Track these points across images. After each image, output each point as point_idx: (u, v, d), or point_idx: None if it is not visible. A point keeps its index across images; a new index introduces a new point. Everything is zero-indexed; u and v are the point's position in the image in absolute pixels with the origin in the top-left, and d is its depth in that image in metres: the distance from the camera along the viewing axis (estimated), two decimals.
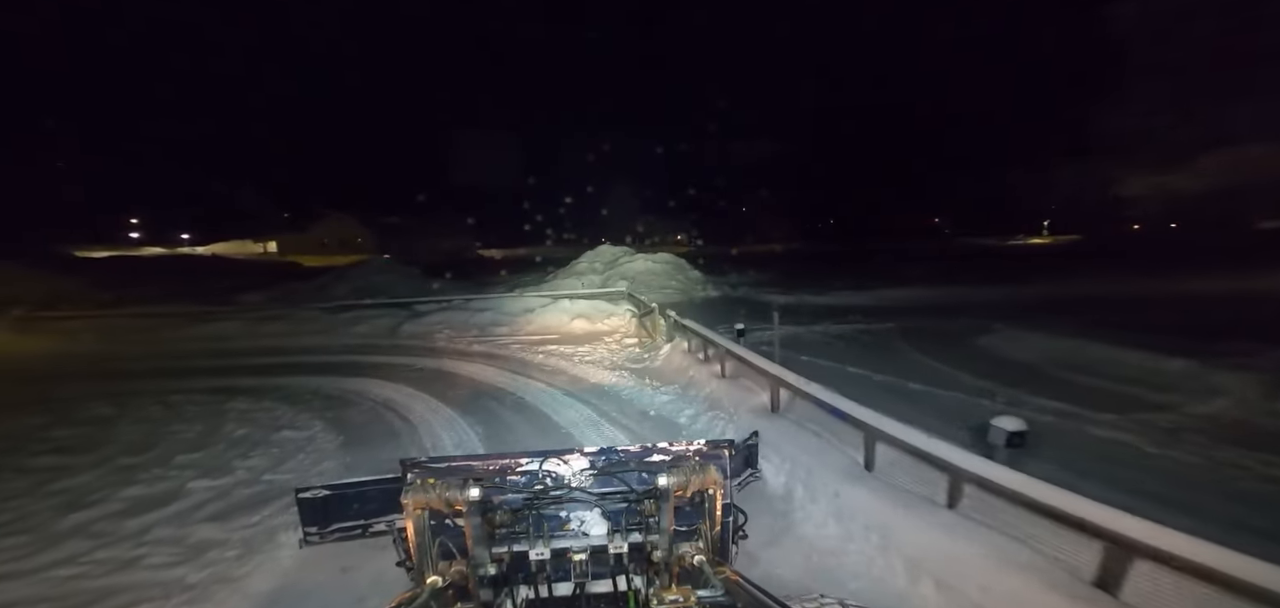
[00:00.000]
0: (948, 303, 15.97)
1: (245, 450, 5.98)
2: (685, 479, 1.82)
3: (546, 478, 2.02)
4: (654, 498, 1.89)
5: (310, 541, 2.45)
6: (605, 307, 14.75)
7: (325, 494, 2.42)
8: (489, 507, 1.87)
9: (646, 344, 11.62)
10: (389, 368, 9.85)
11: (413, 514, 1.73)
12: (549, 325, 13.65)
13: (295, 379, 9.14)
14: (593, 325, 13.78)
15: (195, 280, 23.83)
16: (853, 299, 17.19)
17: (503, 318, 13.79)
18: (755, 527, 2.98)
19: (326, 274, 20.61)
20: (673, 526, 1.80)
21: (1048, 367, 8.91)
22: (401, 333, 12.71)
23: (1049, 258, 34.41)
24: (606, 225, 45.74)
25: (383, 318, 13.48)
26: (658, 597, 1.47)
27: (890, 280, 20.84)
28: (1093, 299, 15.52)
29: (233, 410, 7.40)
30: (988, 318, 12.46)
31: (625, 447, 2.14)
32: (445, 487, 1.72)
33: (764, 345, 10.05)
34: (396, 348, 11.72)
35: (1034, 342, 9.84)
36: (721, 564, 1.79)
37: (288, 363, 10.30)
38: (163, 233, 58.35)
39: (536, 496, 1.97)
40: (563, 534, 2.02)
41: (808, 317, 14.36)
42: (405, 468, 2.05)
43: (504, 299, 14.93)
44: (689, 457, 2.02)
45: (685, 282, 21.56)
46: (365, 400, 8.02)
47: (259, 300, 18.14)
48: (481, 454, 2.25)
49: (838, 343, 11.52)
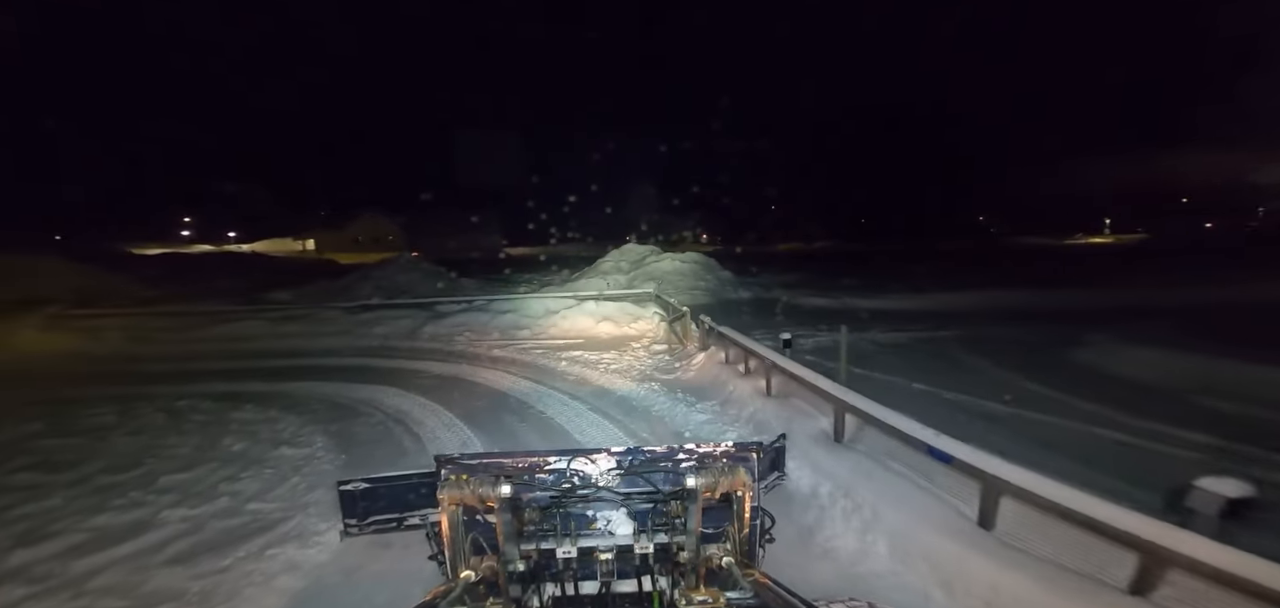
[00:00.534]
0: (1017, 308, 14.36)
1: (237, 471, 5.38)
2: (714, 481, 1.77)
3: (574, 477, 2.01)
4: (681, 499, 1.88)
5: (350, 532, 2.40)
6: (632, 309, 13.89)
7: (364, 486, 2.39)
8: (519, 504, 1.88)
9: (677, 351, 10.69)
10: (404, 375, 9.26)
11: (448, 510, 1.76)
12: (574, 329, 12.89)
13: (307, 385, 8.64)
14: (619, 329, 12.94)
15: (233, 277, 24.32)
16: (904, 303, 15.75)
17: (525, 321, 13.11)
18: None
19: (353, 273, 20.52)
20: (700, 527, 1.77)
21: (1181, 390, 7.31)
22: (421, 335, 12.19)
23: (1116, 259, 31.53)
24: (631, 224, 45.01)
25: (403, 319, 13.01)
26: (686, 598, 1.50)
27: (944, 283, 19.16)
28: (1188, 307, 13.62)
29: (235, 421, 6.88)
30: (1074, 327, 10.92)
31: (652, 447, 2.10)
32: (479, 483, 1.72)
33: (812, 357, 8.98)
34: (414, 351, 11.18)
35: (1146, 357, 8.33)
36: (750, 567, 1.77)
37: (303, 366, 9.86)
38: (212, 231, 61.55)
39: (564, 494, 1.97)
40: (589, 533, 2.02)
41: (855, 323, 13.10)
42: (440, 464, 2.03)
43: (527, 300, 14.27)
44: (717, 458, 2.00)
45: (715, 282, 20.48)
46: (376, 412, 7.39)
47: (287, 299, 18.11)
48: (511, 451, 2.20)
49: (893, 353, 10.29)
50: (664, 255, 22.21)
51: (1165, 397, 7.16)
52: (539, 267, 31.92)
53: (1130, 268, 23.61)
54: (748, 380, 7.60)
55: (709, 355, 9.33)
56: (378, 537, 2.56)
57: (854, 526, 4.07)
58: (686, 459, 2.01)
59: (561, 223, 54.40)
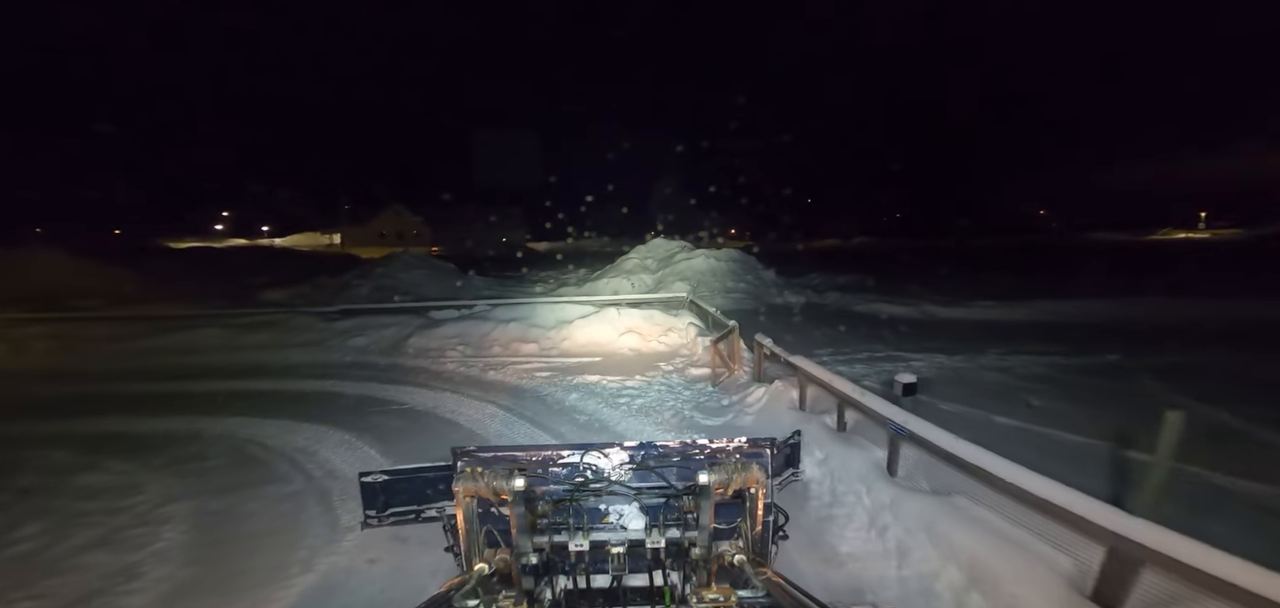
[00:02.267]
0: (1172, 323, 10.99)
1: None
2: (727, 477, 1.71)
3: (587, 471, 2.00)
4: (694, 495, 1.84)
5: (370, 523, 2.33)
6: (661, 319, 11.33)
7: (384, 479, 2.33)
8: (532, 497, 1.88)
9: (724, 380, 8.10)
10: (367, 407, 7.02)
11: (463, 502, 1.74)
12: (591, 342, 10.46)
13: (230, 423, 6.48)
14: (646, 344, 10.44)
15: (242, 273, 23.08)
16: (1001, 313, 12.60)
17: (534, 331, 10.75)
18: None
19: (354, 269, 18.74)
20: (713, 523, 1.75)
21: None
22: (405, 349, 10.00)
23: (1228, 256, 26.86)
24: (655, 220, 42.59)
25: (390, 327, 10.86)
26: (697, 595, 1.51)
27: (1037, 287, 15.74)
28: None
29: (77, 487, 4.73)
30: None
31: (665, 442, 2.04)
32: (493, 476, 1.70)
33: (944, 404, 6.22)
34: (392, 371, 8.97)
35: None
36: (762, 565, 1.71)
37: (243, 392, 7.75)
38: (250, 226, 64.01)
39: (577, 488, 1.96)
40: (602, 527, 1.98)
41: (951, 339, 10.18)
42: (456, 456, 1.97)
43: (538, 306, 11.91)
44: (730, 454, 1.95)
45: (756, 284, 17.69)
46: (298, 475, 5.12)
47: (281, 298, 16.46)
48: (526, 445, 2.32)
49: (1046, 390, 7.22)
50: (696, 252, 19.53)
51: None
52: (558, 264, 29.77)
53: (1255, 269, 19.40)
54: (843, 443, 4.95)
55: (772, 393, 6.70)
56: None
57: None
58: (699, 455, 1.96)
59: (584, 219, 52.64)
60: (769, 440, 2.01)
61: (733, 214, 65.62)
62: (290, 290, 17.07)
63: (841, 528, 3.95)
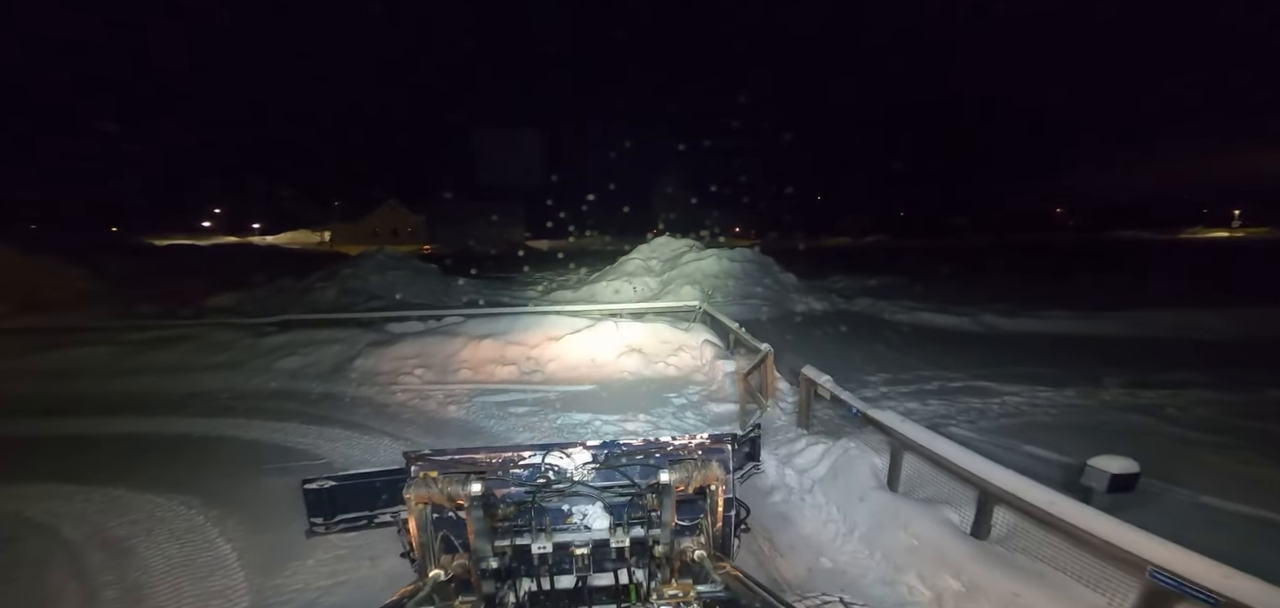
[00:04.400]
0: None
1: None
2: (688, 475, 1.72)
3: (549, 472, 1.93)
4: (656, 493, 1.81)
5: (316, 531, 2.15)
6: (671, 333, 9.28)
7: (331, 485, 2.14)
8: (491, 501, 1.83)
9: (752, 413, 6.06)
10: (262, 469, 4.97)
11: (415, 510, 1.70)
12: (584, 363, 8.43)
13: (22, 496, 4.43)
14: (652, 367, 8.40)
15: (203, 273, 21.06)
16: (1083, 326, 10.47)
17: (514, 349, 8.70)
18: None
19: (321, 271, 16.68)
20: (675, 520, 1.73)
21: None
22: (348, 374, 7.95)
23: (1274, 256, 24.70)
24: (657, 219, 40.62)
25: (336, 343, 8.80)
26: (658, 592, 1.54)
27: (1104, 296, 13.62)
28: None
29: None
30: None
31: (628, 441, 1.96)
32: (448, 482, 1.66)
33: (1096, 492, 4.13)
34: (322, 406, 6.93)
35: None
36: (722, 559, 1.74)
37: (91, 439, 5.69)
38: (241, 223, 63.17)
39: (539, 489, 1.91)
40: (565, 528, 1.94)
41: (1037, 361, 8.14)
42: (409, 461, 1.87)
43: (521, 319, 9.84)
44: (692, 451, 1.93)
45: (775, 288, 15.61)
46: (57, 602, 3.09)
47: (231, 302, 14.42)
48: (485, 446, 2.02)
49: (1249, 450, 5.08)
50: (705, 252, 17.44)
51: None
52: (557, 263, 27.73)
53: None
54: (994, 566, 2.90)
55: (838, 454, 4.66)
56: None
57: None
58: (662, 453, 1.93)
59: (585, 216, 50.82)
60: (730, 436, 1.99)
61: (737, 212, 63.74)
62: (244, 294, 15.03)
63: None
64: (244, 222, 63.59)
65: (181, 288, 16.93)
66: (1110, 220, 54.21)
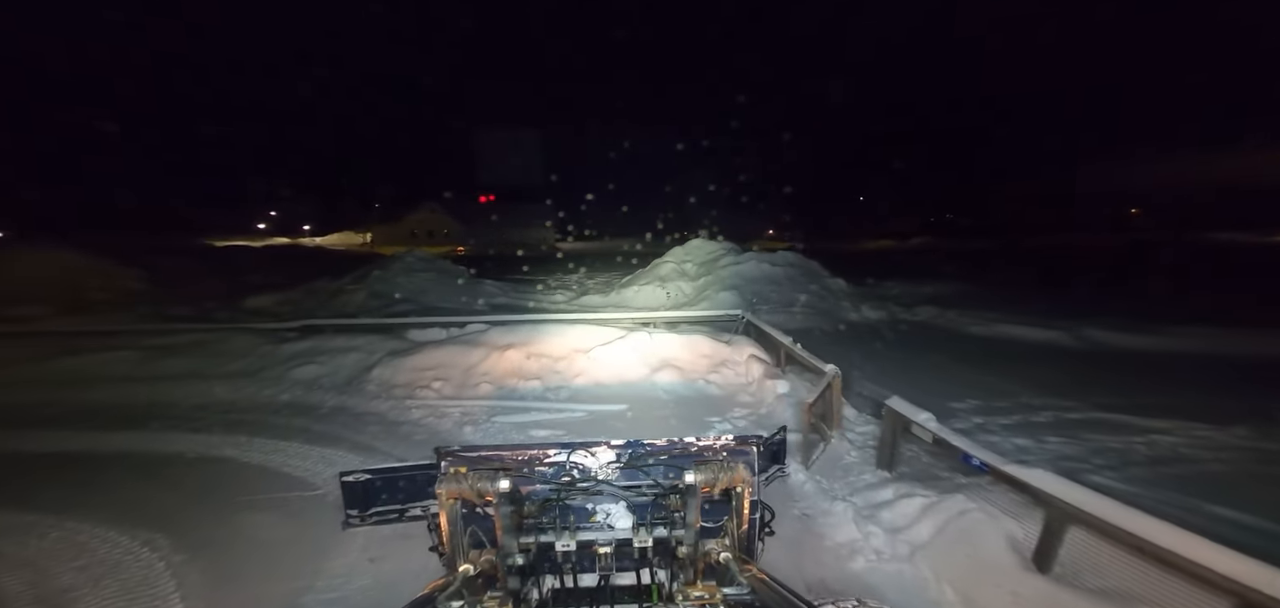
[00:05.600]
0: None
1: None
2: (713, 476, 1.67)
3: (574, 470, 1.94)
4: (680, 494, 1.80)
5: (351, 523, 2.21)
6: (710, 346, 8.33)
7: (366, 478, 2.20)
8: (517, 498, 1.80)
9: (825, 459, 5.03)
10: (250, 500, 4.37)
11: (446, 504, 1.71)
12: (614, 379, 7.61)
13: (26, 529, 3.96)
14: (690, 383, 7.48)
15: (251, 273, 21.67)
16: (1204, 343, 8.76)
17: (539, 361, 7.98)
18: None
19: (354, 273, 16.61)
20: (699, 521, 1.71)
21: None
22: (365, 385, 7.42)
23: None
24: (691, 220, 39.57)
25: (354, 351, 8.32)
26: (683, 593, 1.49)
27: (1210, 311, 11.63)
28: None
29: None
30: None
31: (652, 441, 1.97)
32: (477, 478, 1.66)
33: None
34: (332, 421, 6.38)
35: None
36: (748, 562, 1.68)
37: (98, 459, 5.29)
38: (292, 225, 67.12)
39: (563, 487, 1.91)
40: (588, 526, 1.92)
41: (1183, 391, 6.65)
42: (439, 456, 1.93)
43: (546, 328, 9.13)
44: (717, 453, 1.92)
45: (823, 295, 14.33)
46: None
47: (268, 304, 14.48)
48: (512, 444, 2.07)
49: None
50: (744, 255, 16.33)
51: None
52: (587, 265, 27.16)
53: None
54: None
55: (930, 513, 3.60)
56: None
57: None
58: (686, 454, 1.93)
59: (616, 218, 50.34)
60: (756, 438, 1.99)
61: (773, 213, 61.76)
62: (281, 295, 15.08)
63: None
64: (296, 223, 67.32)
65: (224, 289, 17.29)
66: (1196, 221, 48.89)
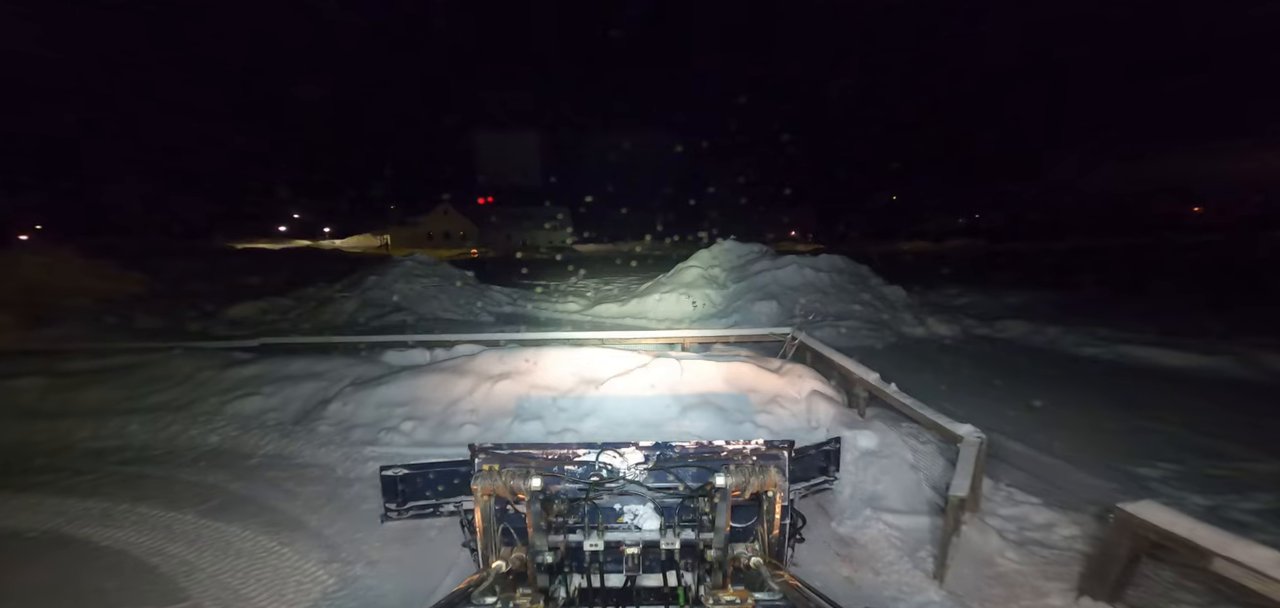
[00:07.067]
0: None
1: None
2: (744, 479, 1.70)
3: (603, 470, 1.96)
4: (709, 496, 1.81)
5: (390, 516, 2.33)
6: (752, 374, 6.48)
7: (405, 472, 2.31)
8: (548, 496, 1.86)
9: (952, 551, 3.15)
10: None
11: (481, 500, 1.77)
12: (632, 421, 5.83)
13: None
14: (734, 427, 5.63)
15: (257, 275, 20.69)
16: None
17: (539, 397, 6.27)
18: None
19: (348, 277, 15.25)
20: (729, 525, 1.71)
21: None
22: (316, 428, 5.79)
23: None
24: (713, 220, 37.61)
25: (311, 379, 6.71)
26: (713, 597, 1.53)
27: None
28: None
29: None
30: None
31: (682, 443, 1.99)
32: (510, 475, 1.71)
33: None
34: (257, 483, 4.77)
35: None
36: (779, 567, 1.71)
37: None
38: (313, 227, 68.27)
39: (593, 487, 1.93)
40: (616, 527, 1.96)
41: None
42: (474, 453, 1.92)
43: (551, 352, 7.41)
44: (747, 456, 1.87)
45: (878, 306, 12.29)
46: None
47: (251, 313, 13.18)
48: (542, 443, 2.19)
49: None
50: (783, 259, 14.37)
51: None
52: (603, 269, 25.50)
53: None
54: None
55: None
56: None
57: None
58: (716, 456, 1.91)
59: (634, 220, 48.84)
60: (788, 443, 1.93)
61: (797, 212, 59.36)
62: (267, 302, 13.78)
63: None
64: (318, 225, 68.24)
65: (218, 293, 16.13)
66: (1266, 220, 44.80)
